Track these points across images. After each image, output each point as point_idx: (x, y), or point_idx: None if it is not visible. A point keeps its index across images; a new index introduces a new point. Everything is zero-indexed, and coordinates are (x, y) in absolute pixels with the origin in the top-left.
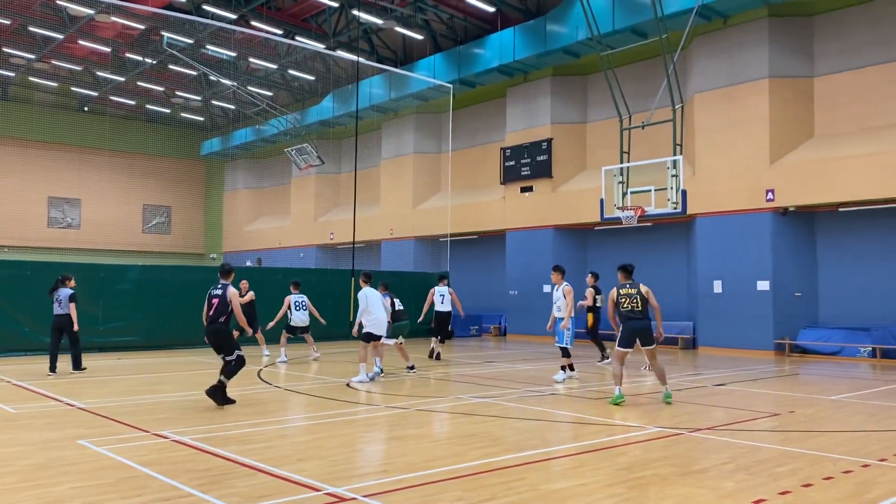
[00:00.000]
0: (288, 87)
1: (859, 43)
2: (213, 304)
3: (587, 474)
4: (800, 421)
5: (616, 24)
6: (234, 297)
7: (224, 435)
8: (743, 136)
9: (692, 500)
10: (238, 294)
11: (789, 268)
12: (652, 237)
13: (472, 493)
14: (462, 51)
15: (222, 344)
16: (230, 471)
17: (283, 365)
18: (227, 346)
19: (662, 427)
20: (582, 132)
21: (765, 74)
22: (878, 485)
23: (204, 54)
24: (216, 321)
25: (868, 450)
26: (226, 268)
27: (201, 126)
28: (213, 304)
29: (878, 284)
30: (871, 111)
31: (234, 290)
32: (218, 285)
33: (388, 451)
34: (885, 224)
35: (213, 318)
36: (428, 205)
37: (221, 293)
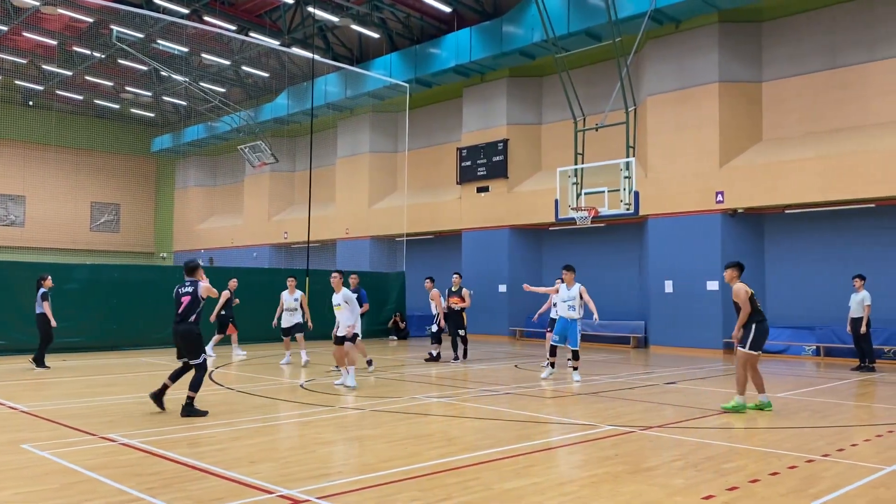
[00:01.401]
0: (242, 84)
1: (806, 49)
2: (182, 303)
3: (541, 473)
4: (747, 418)
5: (571, 27)
6: (207, 290)
7: (174, 438)
8: (694, 139)
9: (643, 498)
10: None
11: None
12: (605, 238)
13: (428, 493)
14: (418, 50)
15: (190, 346)
16: (181, 474)
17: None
18: (194, 349)
19: (615, 425)
20: (537, 133)
21: (715, 79)
22: (822, 479)
23: (155, 49)
24: (185, 320)
25: (812, 446)
26: (191, 265)
27: (152, 122)
28: (183, 303)
29: (821, 284)
30: (818, 116)
31: (205, 284)
32: (186, 282)
33: (343, 452)
34: (829, 226)
35: (182, 318)
36: (384, 204)
37: (192, 290)
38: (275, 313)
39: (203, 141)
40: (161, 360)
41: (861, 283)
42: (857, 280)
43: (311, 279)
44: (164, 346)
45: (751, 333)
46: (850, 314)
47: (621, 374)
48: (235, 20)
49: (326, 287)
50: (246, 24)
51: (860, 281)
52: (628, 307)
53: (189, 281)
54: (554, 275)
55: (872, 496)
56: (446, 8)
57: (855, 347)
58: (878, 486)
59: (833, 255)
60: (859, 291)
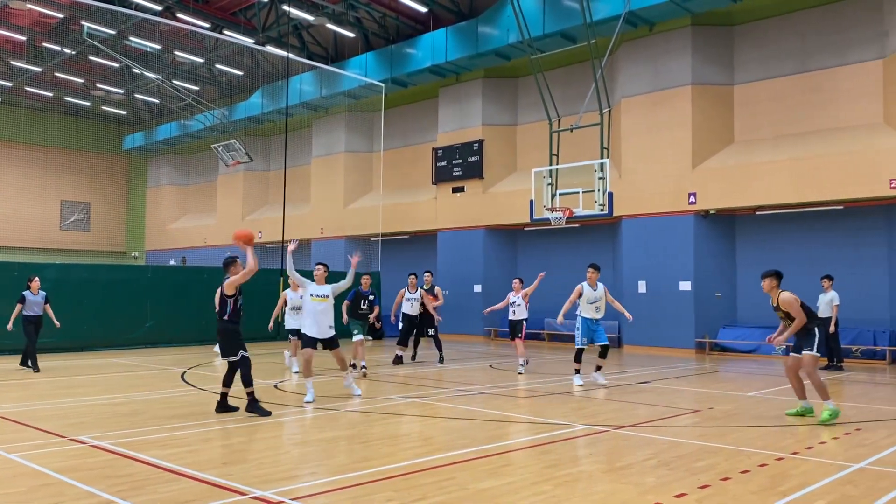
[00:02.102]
0: (215, 82)
1: (777, 53)
2: (216, 302)
3: (515, 472)
4: (719, 417)
5: (546, 29)
6: (227, 285)
7: (145, 439)
8: (667, 140)
9: (616, 497)
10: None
11: (710, 269)
12: (580, 238)
13: (403, 494)
14: (394, 50)
15: (225, 344)
16: (152, 476)
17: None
18: (229, 346)
19: (588, 424)
20: (513, 134)
21: (688, 81)
22: (791, 477)
23: (127, 46)
24: (221, 319)
25: (782, 444)
26: (226, 260)
27: (123, 120)
28: (216, 302)
29: (791, 285)
30: (788, 119)
31: (230, 279)
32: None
33: (317, 453)
34: (799, 227)
35: (219, 316)
36: (359, 204)
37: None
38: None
39: (176, 139)
40: (133, 360)
41: (829, 284)
42: (826, 280)
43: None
44: (136, 347)
45: (816, 337)
46: (819, 314)
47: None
48: (209, 18)
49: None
50: (220, 22)
51: (828, 281)
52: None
53: (225, 278)
54: (530, 275)
55: (839, 493)
56: (422, 8)
57: (825, 347)
58: (846, 483)
59: (803, 256)
60: (827, 292)
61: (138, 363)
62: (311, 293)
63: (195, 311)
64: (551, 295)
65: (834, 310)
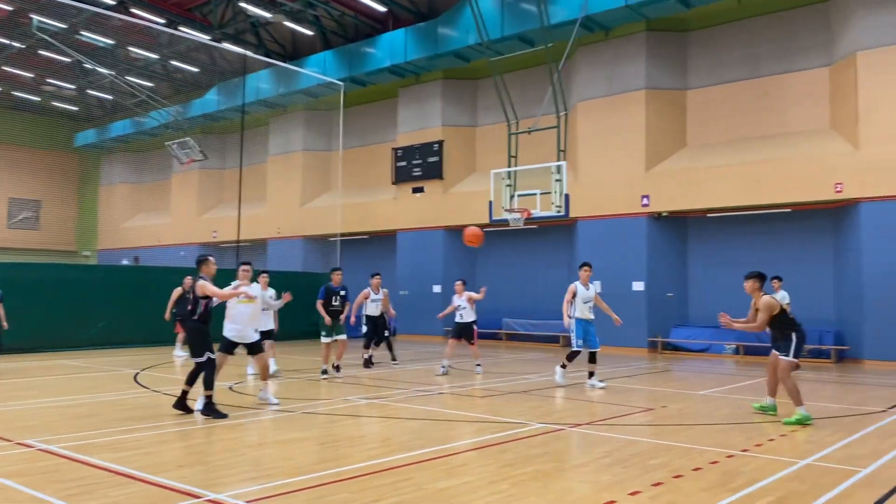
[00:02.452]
0: (170, 79)
1: (729, 59)
2: (172, 301)
3: (472, 472)
4: (671, 415)
5: (504, 31)
6: (200, 287)
7: (96, 442)
8: (621, 144)
9: (572, 495)
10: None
11: (662, 269)
12: (537, 239)
13: (360, 495)
14: (353, 49)
15: (192, 344)
16: (103, 480)
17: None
18: (196, 347)
19: (545, 423)
20: (472, 135)
21: (642, 86)
22: (742, 474)
23: (79, 40)
24: (191, 318)
25: (733, 441)
26: (198, 258)
27: (75, 116)
28: (191, 303)
29: (741, 286)
30: (739, 123)
31: (201, 282)
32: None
33: (273, 454)
34: (749, 229)
35: (188, 315)
36: (317, 203)
37: (191, 287)
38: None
39: (129, 136)
40: (84, 362)
41: (779, 284)
42: (775, 281)
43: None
44: (87, 348)
45: (793, 343)
46: None
47: (551, 372)
48: (164, 13)
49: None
50: (175, 18)
51: (778, 282)
52: (558, 307)
53: (199, 276)
54: (489, 275)
55: (787, 489)
56: (381, 7)
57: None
58: (793, 479)
59: (753, 258)
60: (778, 292)
61: (90, 365)
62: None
63: (149, 312)
64: (508, 295)
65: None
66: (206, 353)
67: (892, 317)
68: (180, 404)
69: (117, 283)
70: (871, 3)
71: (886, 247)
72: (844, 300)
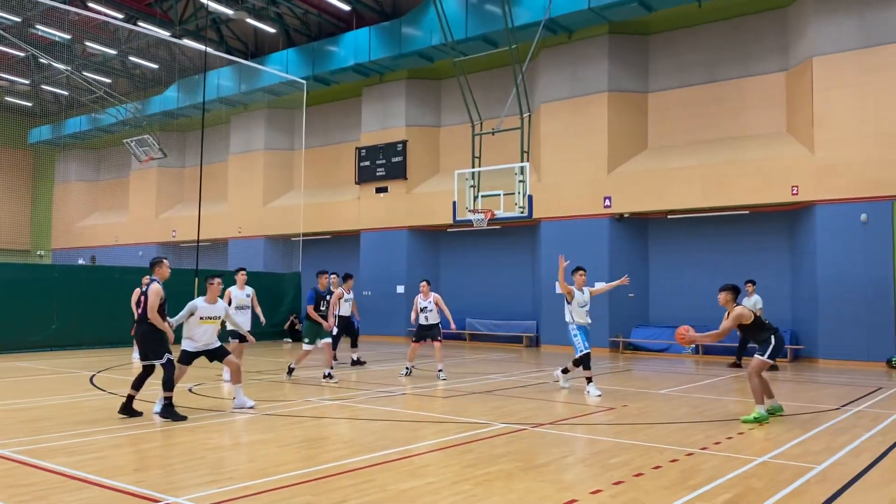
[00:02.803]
0: (129, 75)
1: (688, 63)
2: (141, 303)
3: (435, 472)
4: (632, 414)
5: (469, 32)
6: (151, 293)
7: (50, 446)
8: (584, 145)
9: (535, 494)
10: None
11: (624, 270)
12: (501, 240)
13: (322, 497)
14: (316, 47)
15: (148, 347)
16: (57, 485)
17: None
18: (150, 349)
19: (507, 423)
20: (436, 135)
21: (604, 88)
22: (701, 472)
23: (34, 34)
24: (144, 321)
25: (692, 440)
26: (152, 260)
27: (29, 112)
28: (142, 303)
29: (701, 286)
30: (699, 126)
31: (154, 286)
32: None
33: (233, 457)
34: (709, 231)
35: (141, 318)
36: (279, 203)
37: (146, 290)
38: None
39: (86, 133)
40: (38, 364)
41: (752, 288)
42: (749, 285)
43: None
44: (41, 350)
45: (771, 346)
46: None
47: (514, 372)
48: (123, 8)
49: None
50: (134, 13)
51: (751, 286)
52: (521, 307)
53: (151, 279)
54: (452, 274)
55: (745, 486)
56: (345, 6)
57: (738, 347)
58: (751, 476)
59: (712, 259)
60: (751, 296)
61: (43, 367)
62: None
63: (106, 313)
64: (472, 296)
65: (758, 313)
66: (165, 353)
67: (845, 317)
68: (127, 409)
69: (73, 283)
70: (826, 9)
71: (840, 248)
72: (800, 300)
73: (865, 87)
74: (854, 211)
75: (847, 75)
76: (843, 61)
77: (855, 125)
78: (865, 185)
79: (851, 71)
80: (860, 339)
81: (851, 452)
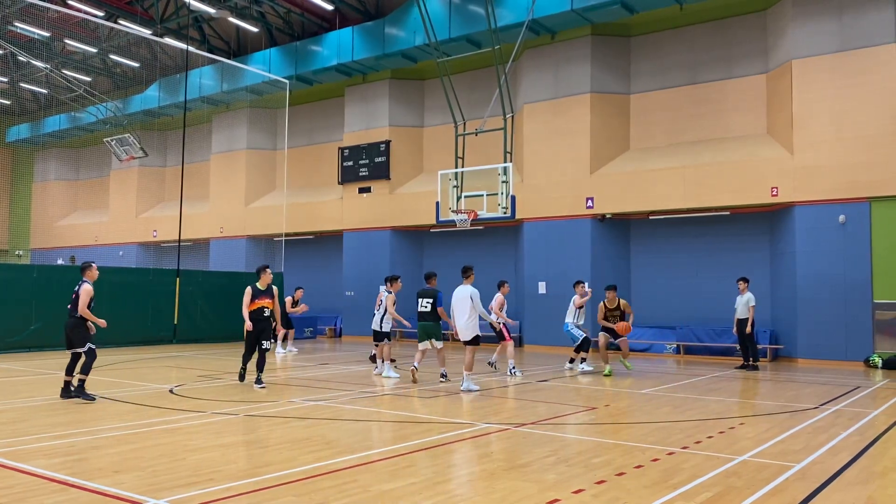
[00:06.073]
0: (109, 73)
1: (670, 65)
2: (72, 299)
3: (418, 473)
4: (614, 414)
5: (452, 33)
6: (82, 293)
7: (28, 448)
8: (567, 146)
9: (517, 494)
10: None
11: (606, 270)
12: (484, 240)
13: (304, 498)
14: (299, 47)
15: (74, 337)
16: (36, 487)
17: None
18: (77, 339)
19: (490, 423)
20: (419, 136)
21: (587, 89)
22: (682, 471)
23: (12, 32)
24: (72, 315)
25: (673, 439)
26: (82, 265)
27: (7, 110)
28: (73, 299)
29: (682, 286)
30: (680, 128)
31: (86, 286)
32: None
33: (214, 458)
34: (689, 231)
35: (70, 312)
36: (262, 203)
37: (77, 289)
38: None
39: (66, 132)
40: (16, 365)
41: (745, 286)
42: (742, 283)
43: (183, 279)
44: (20, 350)
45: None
46: (736, 315)
47: (497, 372)
48: (103, 6)
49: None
50: (115, 11)
51: (744, 283)
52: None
53: (82, 280)
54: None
55: (726, 484)
56: (328, 6)
57: (739, 347)
58: (731, 475)
59: (693, 260)
60: (743, 294)
61: (22, 368)
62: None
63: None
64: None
65: (751, 311)
66: (88, 343)
67: (824, 317)
68: (66, 392)
69: (52, 283)
70: (805, 13)
71: (819, 249)
72: (779, 301)
73: (844, 89)
74: (832, 212)
75: (826, 78)
76: (822, 64)
77: (834, 127)
78: (844, 186)
79: (830, 74)
80: (838, 339)
81: (830, 451)
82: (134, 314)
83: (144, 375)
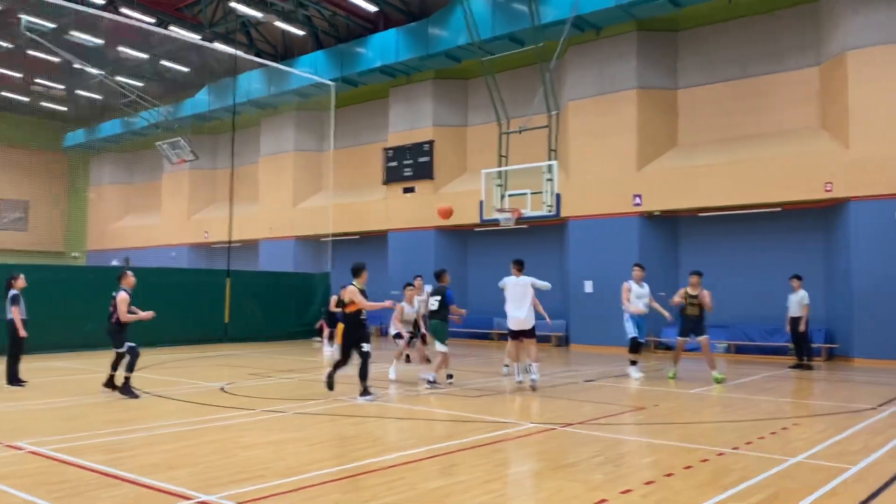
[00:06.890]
0: (160, 79)
1: (718, 59)
2: (111, 305)
3: (465, 471)
4: (663, 414)
5: (495, 31)
6: (120, 301)
7: (86, 444)
8: (613, 143)
9: (564, 493)
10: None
11: (654, 269)
12: (528, 239)
13: (352, 495)
14: (344, 49)
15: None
16: (92, 482)
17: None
18: (115, 340)
19: (536, 423)
20: (463, 135)
21: (633, 85)
22: (733, 472)
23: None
24: (109, 320)
25: (723, 439)
26: (118, 273)
27: (64, 117)
28: (111, 306)
29: (733, 285)
30: (729, 123)
31: (122, 294)
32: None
33: (264, 455)
34: (740, 228)
35: (107, 317)
36: (309, 204)
37: (115, 296)
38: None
39: (119, 137)
40: (73, 363)
41: (799, 284)
42: (795, 280)
43: (233, 280)
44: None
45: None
46: (789, 313)
47: (543, 372)
48: (155, 13)
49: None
50: (165, 18)
51: (797, 281)
52: (550, 307)
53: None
54: (481, 275)
55: (778, 486)
56: (372, 7)
57: (793, 346)
58: (784, 476)
59: (743, 257)
60: (797, 291)
61: (79, 366)
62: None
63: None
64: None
65: (804, 309)
66: (126, 343)
67: (881, 315)
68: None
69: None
70: (859, 2)
71: (875, 246)
72: (834, 298)
73: None
74: (889, 207)
75: (882, 69)
76: (878, 55)
77: (891, 120)
78: None
79: (887, 64)
80: None
81: (888, 453)
82: (186, 314)
83: (196, 374)
